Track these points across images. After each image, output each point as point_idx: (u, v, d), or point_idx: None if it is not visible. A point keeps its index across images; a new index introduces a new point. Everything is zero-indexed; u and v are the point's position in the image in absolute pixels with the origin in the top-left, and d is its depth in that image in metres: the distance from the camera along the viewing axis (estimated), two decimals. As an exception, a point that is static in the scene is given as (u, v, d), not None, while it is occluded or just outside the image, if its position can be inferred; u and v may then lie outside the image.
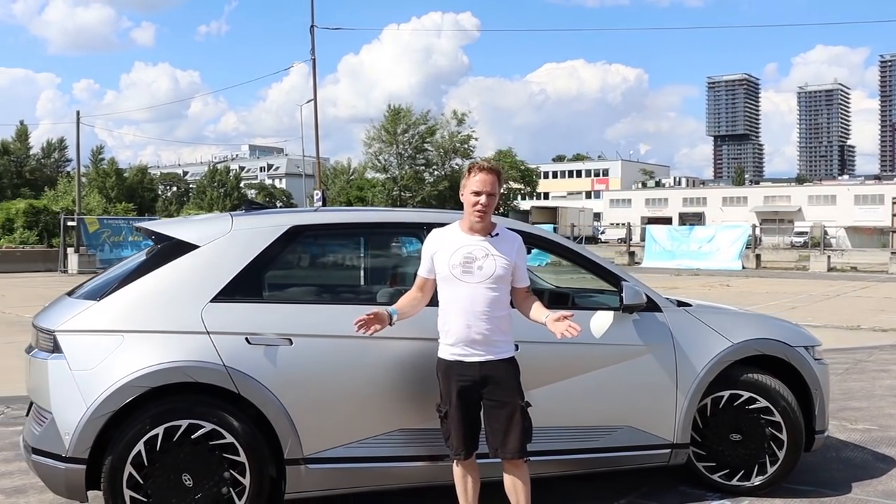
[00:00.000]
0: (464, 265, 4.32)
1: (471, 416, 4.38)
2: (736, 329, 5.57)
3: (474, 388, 4.34)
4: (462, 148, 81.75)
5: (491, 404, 4.35)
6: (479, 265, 4.32)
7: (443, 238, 4.46)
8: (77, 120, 44.87)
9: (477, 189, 4.34)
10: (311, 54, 38.39)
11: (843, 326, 15.54)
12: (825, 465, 6.34)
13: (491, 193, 4.35)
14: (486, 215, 4.38)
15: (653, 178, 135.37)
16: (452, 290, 4.35)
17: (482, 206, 4.33)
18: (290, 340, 4.61)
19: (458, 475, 4.49)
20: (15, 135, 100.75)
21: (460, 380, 4.34)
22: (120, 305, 4.60)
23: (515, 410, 4.33)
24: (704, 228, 45.61)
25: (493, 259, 4.34)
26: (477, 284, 4.30)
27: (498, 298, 4.34)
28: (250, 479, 4.51)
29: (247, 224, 4.95)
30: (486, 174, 4.37)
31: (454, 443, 4.39)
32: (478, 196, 4.33)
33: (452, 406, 4.36)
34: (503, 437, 4.33)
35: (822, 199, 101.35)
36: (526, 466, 4.42)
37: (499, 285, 4.35)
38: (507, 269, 4.36)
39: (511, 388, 4.36)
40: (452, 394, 4.35)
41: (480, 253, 4.35)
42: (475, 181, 4.36)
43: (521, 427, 4.32)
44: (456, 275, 4.33)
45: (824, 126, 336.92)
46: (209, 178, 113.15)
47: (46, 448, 4.47)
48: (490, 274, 4.31)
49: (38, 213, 46.69)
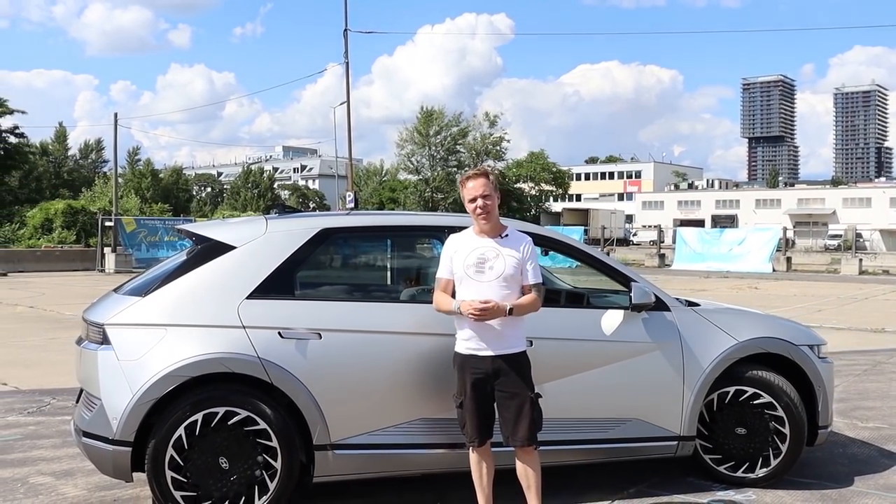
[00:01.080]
0: (477, 265, 4.63)
1: (484, 406, 4.67)
2: (742, 328, 5.84)
3: (487, 380, 4.63)
4: (494, 150, 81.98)
5: (502, 395, 4.64)
6: (491, 265, 4.63)
7: (459, 242, 4.78)
8: (115, 122, 45.66)
9: (471, 196, 4.68)
10: (344, 58, 38.83)
11: (867, 329, 15.65)
12: (831, 459, 6.57)
13: (485, 195, 4.66)
14: (489, 215, 4.68)
15: (685, 181, 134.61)
16: (467, 288, 4.65)
17: (481, 208, 4.66)
18: (319, 335, 4.97)
19: (473, 462, 4.80)
20: (54, 136, 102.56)
21: (474, 372, 4.63)
22: (163, 301, 4.98)
23: (525, 401, 4.62)
24: (735, 231, 45.53)
25: (504, 259, 4.64)
26: (489, 283, 4.61)
27: (509, 296, 4.62)
28: (281, 463, 4.87)
29: (280, 227, 5.33)
30: (473, 180, 4.71)
31: (469, 431, 4.70)
32: (473, 202, 4.67)
33: (467, 397, 4.66)
34: (514, 426, 4.63)
35: (856, 202, 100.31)
36: (536, 454, 4.72)
37: (509, 283, 4.63)
38: (516, 268, 4.65)
39: (521, 380, 4.65)
40: (467, 385, 4.65)
41: (492, 254, 4.65)
42: (468, 190, 4.71)
43: (530, 417, 4.61)
44: (470, 274, 4.64)
45: (861, 128, 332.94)
46: (243, 179, 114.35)
47: (96, 431, 4.86)
48: (500, 273, 4.62)
49: (77, 213, 47.54)
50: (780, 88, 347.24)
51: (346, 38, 38.25)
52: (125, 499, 5.52)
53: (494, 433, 4.77)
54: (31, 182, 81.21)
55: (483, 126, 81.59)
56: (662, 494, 5.63)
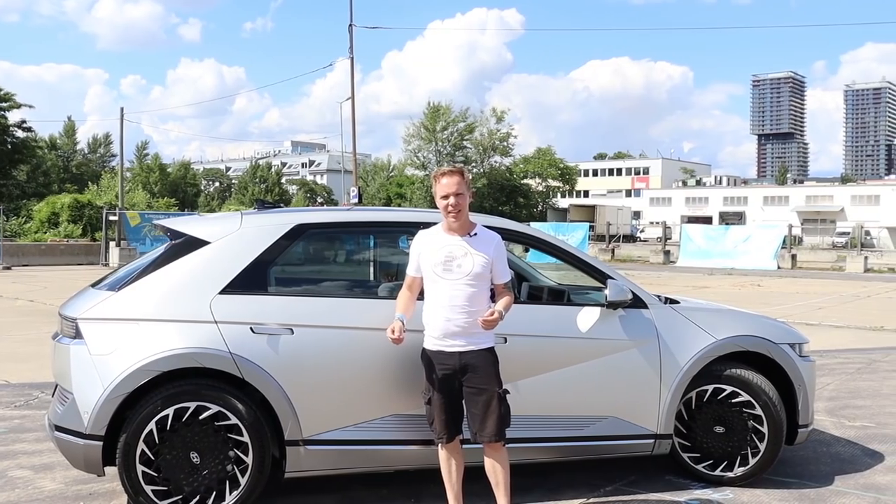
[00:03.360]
0: (444, 264, 4.64)
1: (452, 402, 4.69)
2: (720, 326, 5.82)
3: (454, 375, 4.65)
4: (501, 146, 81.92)
5: (470, 391, 4.66)
6: (459, 263, 4.63)
7: (427, 239, 4.79)
8: (121, 116, 45.84)
9: (443, 193, 4.66)
10: (349, 52, 38.87)
11: (866, 327, 15.56)
12: (814, 458, 6.55)
13: (458, 193, 4.64)
14: (460, 214, 4.67)
15: (693, 177, 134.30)
16: (434, 286, 4.67)
17: (452, 206, 4.64)
18: (291, 330, 4.97)
19: (442, 458, 4.81)
20: (63, 130, 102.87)
21: (442, 368, 4.65)
22: (136, 296, 4.99)
23: (493, 397, 4.62)
24: (740, 228, 45.43)
25: (472, 257, 4.64)
26: (456, 281, 4.61)
27: (476, 294, 4.63)
28: (253, 458, 4.87)
29: (255, 222, 5.33)
30: (447, 177, 4.69)
31: (437, 427, 4.71)
32: (446, 199, 4.65)
33: (435, 393, 4.68)
34: (481, 422, 4.64)
35: (865, 199, 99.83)
36: (504, 450, 4.72)
37: (477, 282, 4.64)
38: (485, 266, 4.66)
39: (489, 376, 4.66)
40: (435, 381, 4.68)
41: (460, 252, 4.66)
42: (441, 187, 4.68)
43: (498, 413, 4.62)
44: (437, 273, 4.65)
45: (871, 125, 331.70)
46: (251, 174, 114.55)
47: (68, 425, 4.88)
48: (468, 271, 4.62)
49: (83, 207, 47.64)
50: (791, 85, 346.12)
51: (350, 33, 38.40)
52: (101, 493, 5.53)
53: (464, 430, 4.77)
54: (38, 176, 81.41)
55: (490, 122, 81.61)
56: (639, 493, 5.61)
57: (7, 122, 65.03)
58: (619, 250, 49.00)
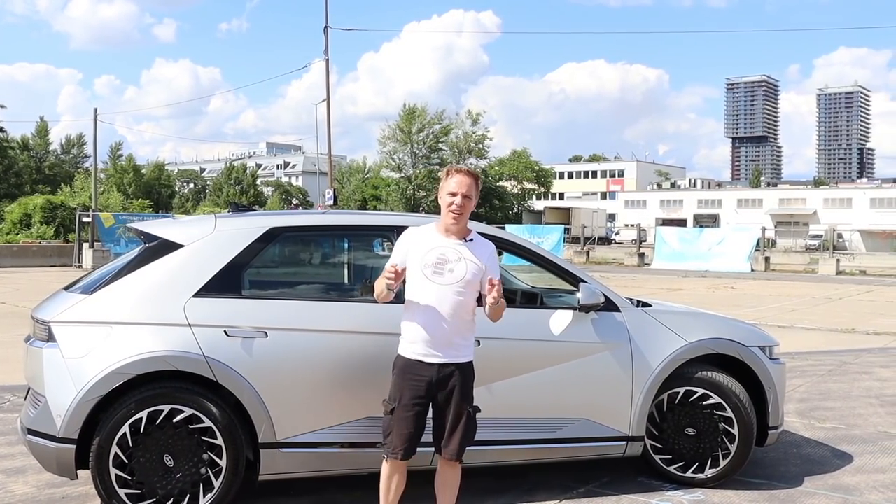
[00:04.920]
0: (436, 266, 4.39)
1: (419, 416, 4.43)
2: (692, 329, 5.88)
3: (429, 389, 4.40)
4: (477, 148, 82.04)
5: (442, 405, 4.44)
6: (451, 268, 4.39)
7: (418, 236, 4.52)
8: (94, 117, 45.50)
9: (453, 190, 4.43)
10: (324, 54, 38.81)
11: (837, 329, 15.72)
12: (784, 460, 6.63)
13: (467, 195, 4.43)
14: (461, 217, 4.44)
15: (668, 180, 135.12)
16: (421, 289, 4.41)
17: (457, 206, 4.41)
18: (265, 333, 4.98)
19: (385, 474, 4.54)
20: (35, 130, 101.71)
21: (416, 379, 4.40)
22: (109, 299, 4.98)
23: (463, 414, 4.44)
24: (714, 230, 45.74)
25: (465, 263, 4.41)
26: (446, 287, 4.37)
27: (464, 303, 4.41)
28: (227, 461, 4.88)
29: (229, 225, 5.34)
30: (463, 176, 4.48)
31: (394, 441, 4.42)
32: (454, 196, 4.42)
33: (401, 405, 4.41)
34: (448, 438, 4.44)
35: (837, 202, 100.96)
36: (459, 469, 4.58)
37: (467, 289, 4.41)
38: (477, 274, 4.42)
39: (464, 392, 4.45)
40: (405, 394, 4.41)
41: (453, 256, 4.42)
42: (452, 182, 4.46)
43: (464, 432, 4.44)
44: (427, 275, 4.39)
45: (844, 128, 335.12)
46: (226, 176, 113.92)
47: (40, 429, 4.86)
48: (460, 277, 4.38)
49: (56, 208, 47.24)
50: (765, 88, 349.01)
51: (326, 34, 38.33)
52: (73, 496, 5.51)
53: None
54: (10, 177, 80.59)
55: (466, 124, 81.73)
56: (611, 494, 5.66)
57: (-22, 122, 64.40)
58: (595, 253, 49.19)
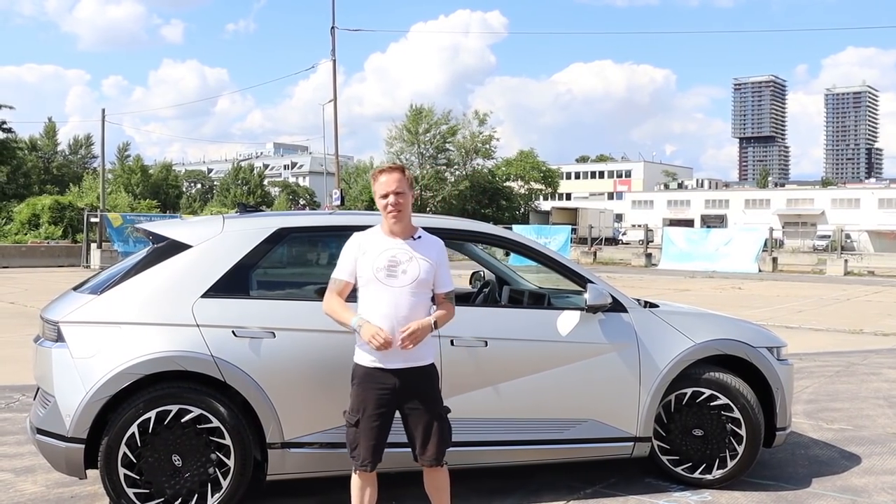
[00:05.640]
0: (388, 269, 4.27)
1: (383, 426, 4.34)
2: (699, 330, 5.88)
3: (392, 396, 4.29)
4: (483, 148, 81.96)
5: (410, 412, 4.34)
6: (404, 269, 4.28)
7: (366, 240, 4.41)
8: (102, 118, 45.62)
9: (382, 192, 4.32)
10: (331, 55, 38.84)
11: (845, 330, 15.69)
12: (792, 461, 6.62)
13: (398, 192, 4.30)
14: (401, 214, 4.32)
15: (675, 180, 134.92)
16: (375, 294, 4.28)
17: (392, 206, 4.29)
18: (273, 333, 4.99)
19: (356, 486, 4.44)
20: (43, 131, 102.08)
21: (378, 388, 4.28)
22: (118, 299, 5.00)
23: (434, 418, 4.33)
24: (722, 231, 45.69)
25: (417, 262, 4.30)
26: (401, 289, 4.26)
27: (419, 303, 4.29)
28: (234, 461, 4.90)
29: (237, 226, 5.35)
30: (387, 174, 4.35)
31: (361, 453, 4.32)
32: (385, 198, 4.30)
33: (365, 415, 4.29)
34: (423, 446, 4.35)
35: (845, 203, 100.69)
36: (445, 471, 4.48)
37: (421, 290, 4.30)
38: (429, 272, 4.32)
39: (430, 395, 4.36)
40: (369, 403, 4.29)
41: (404, 256, 4.31)
42: (380, 185, 4.34)
43: (439, 436, 4.33)
44: (380, 278, 4.26)
45: (852, 128, 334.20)
46: (233, 176, 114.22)
47: (49, 428, 4.88)
48: (414, 278, 4.27)
49: (64, 209, 47.42)
50: (772, 89, 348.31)
51: (333, 35, 38.36)
52: (83, 496, 5.53)
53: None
54: (19, 177, 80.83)
55: (473, 124, 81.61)
56: (618, 495, 5.66)
57: (-13, 123, 64.66)
58: (602, 253, 49.18)
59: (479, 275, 7.30)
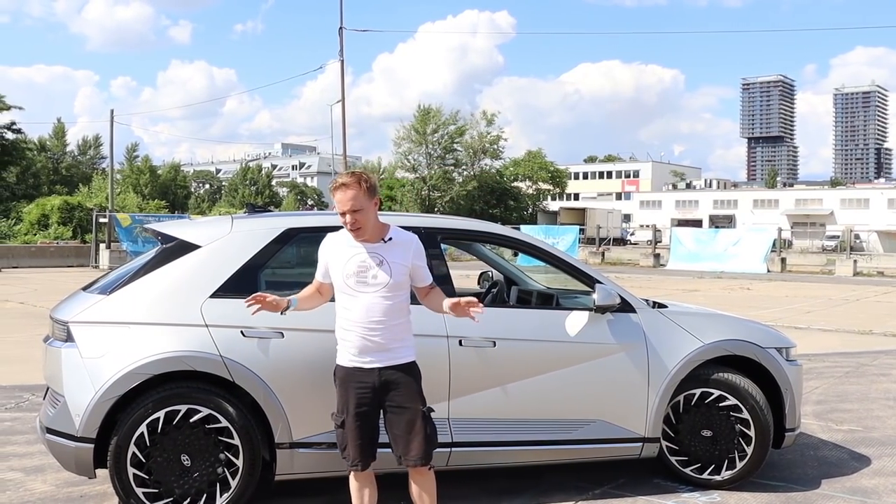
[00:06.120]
0: (358, 275, 4.21)
1: (369, 425, 4.30)
2: (708, 330, 5.86)
3: (374, 395, 4.25)
4: (491, 148, 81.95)
5: (392, 411, 4.28)
6: (374, 274, 4.20)
7: (336, 245, 4.36)
8: (111, 119, 45.75)
9: (340, 210, 4.21)
10: (339, 55, 38.91)
11: (854, 331, 15.64)
12: (801, 462, 6.60)
13: (354, 210, 4.15)
14: (361, 230, 4.21)
15: (683, 180, 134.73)
16: (347, 300, 4.26)
17: (350, 224, 4.19)
18: (281, 334, 5.00)
19: (354, 488, 4.43)
20: (52, 132, 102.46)
21: (359, 387, 4.25)
22: (128, 299, 5.01)
23: (417, 416, 4.24)
24: (730, 231, 45.62)
25: (389, 266, 4.22)
26: (372, 294, 4.20)
27: (393, 307, 4.23)
28: (243, 461, 4.90)
29: (245, 226, 5.36)
30: (342, 191, 4.18)
31: (351, 453, 4.30)
32: (343, 216, 4.21)
33: (350, 415, 4.26)
34: (406, 445, 4.25)
35: (854, 203, 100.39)
36: (431, 474, 4.37)
37: (394, 293, 4.23)
38: (402, 274, 4.25)
39: (411, 393, 4.27)
40: (351, 402, 4.26)
41: (375, 261, 4.22)
42: (336, 202, 4.22)
43: (423, 434, 4.23)
44: (350, 285, 4.23)
45: (861, 128, 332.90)
46: (241, 176, 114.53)
47: (59, 428, 4.89)
48: (385, 282, 4.20)
49: (73, 209, 47.63)
50: (780, 88, 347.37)
51: (341, 35, 38.44)
52: (92, 495, 5.55)
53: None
54: (28, 178, 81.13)
55: (480, 124, 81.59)
56: (627, 496, 5.65)
57: (-4, 124, 64.95)
58: (610, 253, 49.13)
59: (487, 275, 7.30)
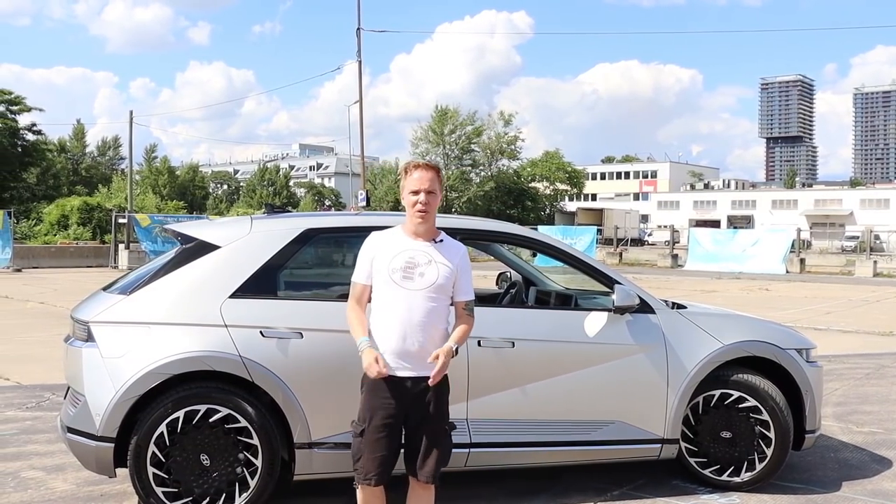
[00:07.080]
0: (405, 270, 4.07)
1: (392, 438, 4.08)
2: (727, 331, 5.84)
3: (401, 406, 4.05)
4: (509, 149, 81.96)
5: (416, 423, 4.10)
6: (421, 272, 4.07)
7: (384, 241, 4.21)
8: (130, 120, 46.04)
9: (415, 188, 4.10)
10: (357, 56, 38.97)
11: (875, 332, 15.51)
12: (822, 464, 6.55)
13: (430, 191, 4.10)
14: (427, 215, 4.11)
15: (701, 181, 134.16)
16: (390, 296, 4.08)
17: (422, 204, 4.08)
18: (300, 334, 5.02)
19: (361, 502, 4.21)
20: (72, 133, 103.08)
21: (387, 397, 4.04)
22: (147, 300, 5.04)
23: (439, 432, 4.12)
24: (748, 232, 45.36)
25: (437, 266, 4.09)
26: (417, 292, 4.05)
27: (436, 310, 4.09)
28: (262, 461, 4.93)
29: (264, 227, 5.38)
30: (423, 170, 4.13)
31: (366, 465, 4.06)
32: (416, 195, 4.10)
33: (372, 425, 4.05)
34: (422, 459, 4.10)
35: (874, 203, 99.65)
36: (433, 490, 4.21)
37: (439, 295, 4.09)
38: (449, 278, 4.11)
39: (439, 408, 4.12)
40: (376, 412, 4.05)
41: (423, 259, 4.10)
42: (412, 180, 4.12)
43: (440, 452, 4.10)
44: (395, 280, 4.07)
45: (881, 128, 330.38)
46: (259, 177, 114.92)
47: (80, 427, 4.93)
48: (432, 282, 4.06)
49: (92, 209, 47.85)
50: (799, 88, 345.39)
51: (358, 36, 38.47)
52: (112, 494, 5.58)
53: None
54: (48, 179, 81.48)
55: (498, 125, 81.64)
56: (646, 497, 5.63)
57: (17, 125, 65.60)
58: (627, 254, 48.99)
59: (505, 275, 7.29)
